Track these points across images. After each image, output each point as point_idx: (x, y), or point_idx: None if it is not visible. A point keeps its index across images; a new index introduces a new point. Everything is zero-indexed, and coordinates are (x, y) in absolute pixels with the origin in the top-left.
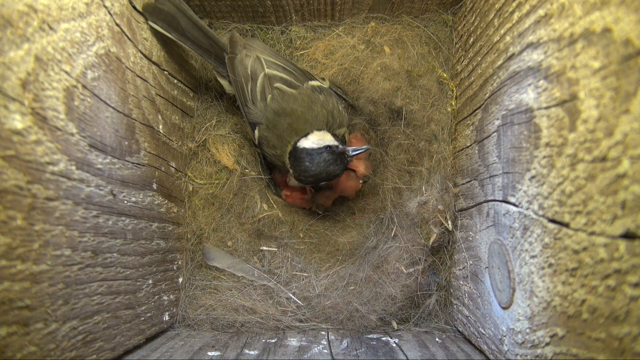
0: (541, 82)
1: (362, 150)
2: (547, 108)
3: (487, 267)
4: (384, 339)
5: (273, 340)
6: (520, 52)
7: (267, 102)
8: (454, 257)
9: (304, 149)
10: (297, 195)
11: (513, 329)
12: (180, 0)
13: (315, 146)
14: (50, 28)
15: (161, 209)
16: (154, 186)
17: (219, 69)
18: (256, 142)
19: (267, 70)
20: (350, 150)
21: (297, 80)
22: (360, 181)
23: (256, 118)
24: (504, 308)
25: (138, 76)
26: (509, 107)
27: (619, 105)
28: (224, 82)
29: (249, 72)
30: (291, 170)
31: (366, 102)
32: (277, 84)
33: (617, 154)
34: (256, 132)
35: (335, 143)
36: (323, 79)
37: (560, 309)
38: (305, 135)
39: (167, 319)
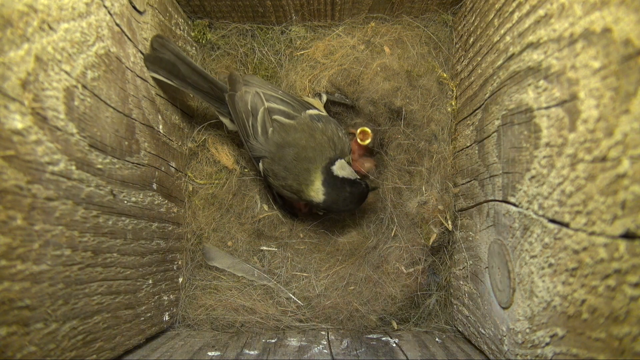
0: (541, 82)
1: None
2: (547, 108)
3: (487, 267)
4: (384, 339)
5: (273, 340)
6: (520, 52)
7: (269, 136)
8: (454, 257)
9: (345, 179)
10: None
11: (513, 329)
12: (179, 49)
13: (352, 177)
14: (50, 28)
15: (161, 209)
16: (154, 186)
17: (220, 109)
18: (262, 174)
19: (266, 104)
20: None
21: (295, 110)
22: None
23: (260, 152)
24: (504, 308)
25: (138, 76)
26: (509, 107)
27: (619, 105)
28: (225, 121)
29: (249, 108)
30: (320, 196)
31: (366, 102)
32: (275, 116)
33: (617, 154)
34: (260, 165)
35: (364, 180)
36: (319, 94)
37: (560, 309)
38: (332, 162)
39: (167, 319)
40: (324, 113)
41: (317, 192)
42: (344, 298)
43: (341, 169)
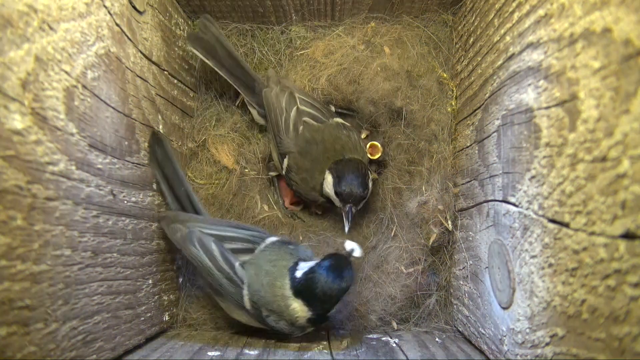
0: (541, 82)
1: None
2: (547, 108)
3: (487, 267)
4: (384, 339)
5: (273, 340)
6: (520, 52)
7: (299, 132)
8: (454, 257)
9: (354, 159)
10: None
11: (513, 329)
12: (220, 33)
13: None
14: (50, 28)
15: (161, 209)
16: (154, 186)
17: (250, 98)
18: (283, 170)
19: (299, 106)
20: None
21: (324, 116)
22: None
23: (287, 147)
24: (504, 308)
25: (138, 76)
26: (509, 107)
27: (619, 105)
28: (253, 111)
29: (284, 106)
30: (329, 177)
31: (366, 102)
32: (305, 118)
33: (617, 154)
34: (285, 160)
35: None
36: (328, 104)
37: (560, 309)
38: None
39: (167, 319)
40: (348, 124)
41: (326, 178)
42: (344, 298)
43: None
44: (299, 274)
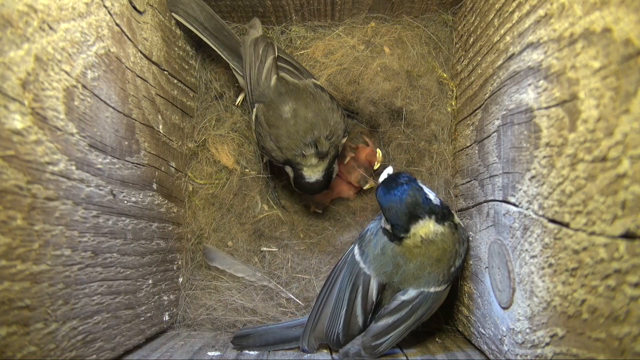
0: (541, 82)
1: None
2: (547, 108)
3: (487, 267)
4: None
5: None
6: (520, 52)
7: (272, 84)
8: None
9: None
10: None
11: (513, 329)
12: None
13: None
14: (50, 28)
15: (161, 209)
16: (154, 186)
17: (234, 62)
18: (253, 118)
19: (277, 55)
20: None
21: (302, 74)
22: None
23: (259, 98)
24: (504, 308)
25: (138, 76)
26: (509, 107)
27: (619, 105)
28: (238, 78)
29: (260, 53)
30: (316, 176)
31: (366, 102)
32: (282, 74)
33: (617, 154)
34: (254, 110)
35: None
36: None
37: (560, 309)
38: (337, 154)
39: (167, 319)
40: (323, 86)
41: (316, 169)
42: None
43: (335, 164)
44: None
